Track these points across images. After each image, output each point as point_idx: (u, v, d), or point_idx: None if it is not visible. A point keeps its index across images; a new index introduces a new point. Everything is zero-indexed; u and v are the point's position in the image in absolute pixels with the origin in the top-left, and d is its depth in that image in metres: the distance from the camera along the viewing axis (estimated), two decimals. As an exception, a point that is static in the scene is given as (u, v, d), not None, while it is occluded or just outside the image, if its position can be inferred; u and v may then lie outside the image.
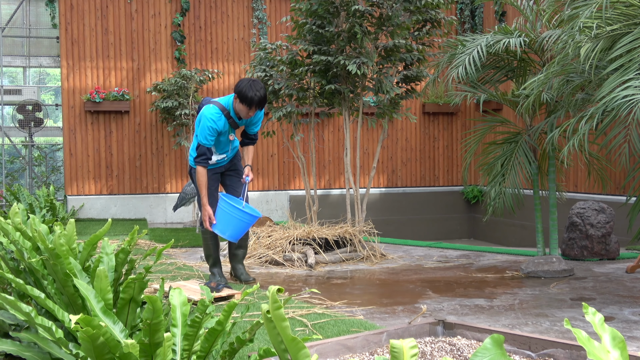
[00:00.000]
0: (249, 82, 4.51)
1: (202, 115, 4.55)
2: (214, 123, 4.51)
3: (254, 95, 4.46)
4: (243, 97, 4.47)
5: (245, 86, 4.47)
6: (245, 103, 4.49)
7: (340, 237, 6.35)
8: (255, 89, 4.48)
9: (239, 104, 4.53)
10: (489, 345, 1.57)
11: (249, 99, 4.47)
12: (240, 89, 4.48)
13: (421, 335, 2.64)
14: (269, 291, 1.81)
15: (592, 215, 6.10)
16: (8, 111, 13.76)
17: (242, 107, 4.52)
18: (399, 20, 6.25)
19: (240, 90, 4.48)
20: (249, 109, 4.52)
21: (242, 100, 4.48)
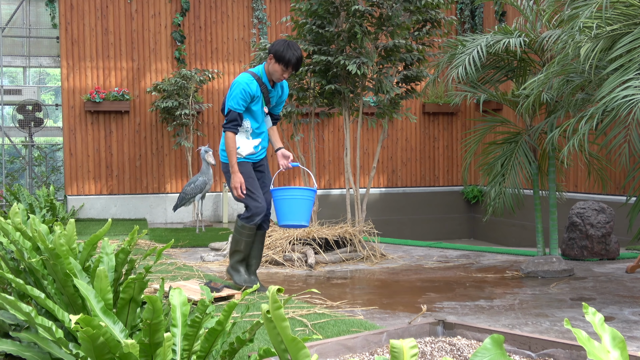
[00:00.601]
0: (285, 42, 4.44)
1: (235, 82, 4.45)
2: (247, 86, 4.40)
3: (292, 54, 4.39)
4: (280, 57, 4.39)
5: (283, 46, 4.40)
6: (282, 62, 4.40)
7: (340, 237, 6.35)
8: (293, 48, 4.41)
9: (274, 64, 4.43)
10: (489, 345, 1.57)
11: (287, 59, 4.38)
12: (276, 48, 4.41)
13: (421, 335, 2.64)
14: (269, 291, 1.82)
15: (592, 215, 6.10)
16: (8, 111, 13.76)
17: (278, 67, 4.42)
18: (399, 20, 6.25)
19: (277, 50, 4.40)
20: (285, 69, 4.43)
21: (279, 59, 4.40)
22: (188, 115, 9.51)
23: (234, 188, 4.46)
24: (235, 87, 4.42)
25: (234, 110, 4.41)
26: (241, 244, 4.59)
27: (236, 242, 4.62)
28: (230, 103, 4.42)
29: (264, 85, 4.51)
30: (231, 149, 4.45)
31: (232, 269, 4.65)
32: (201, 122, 10.29)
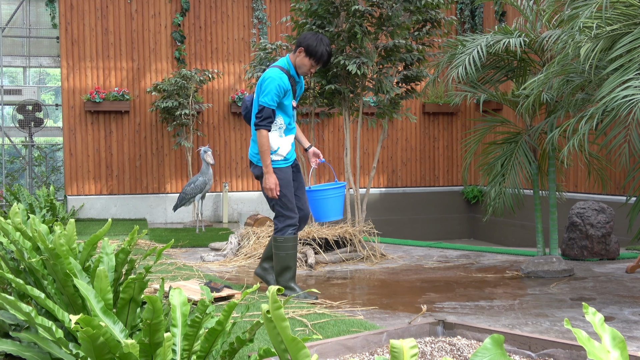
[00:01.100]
0: (317, 36, 4.32)
1: (267, 77, 4.28)
2: (281, 81, 4.26)
3: (325, 50, 4.30)
4: (312, 51, 4.28)
5: (315, 40, 4.29)
6: (313, 57, 4.30)
7: (340, 237, 6.35)
8: (325, 43, 4.31)
9: (303, 58, 4.32)
10: (489, 345, 1.57)
11: (319, 54, 4.29)
12: (308, 42, 4.29)
13: (421, 335, 2.64)
14: (269, 291, 1.82)
15: (592, 215, 6.10)
16: (8, 111, 13.76)
17: (307, 61, 4.32)
18: (399, 20, 6.25)
19: (309, 44, 4.29)
20: (314, 64, 4.34)
21: (310, 54, 4.29)
22: (188, 115, 9.51)
23: (269, 189, 4.30)
24: (269, 83, 4.26)
25: (268, 107, 4.25)
26: (288, 259, 4.42)
27: (282, 259, 4.42)
28: (264, 99, 4.25)
29: (292, 78, 4.39)
30: (265, 148, 4.27)
31: (287, 290, 4.43)
32: (201, 122, 10.29)
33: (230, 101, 10.39)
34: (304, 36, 4.37)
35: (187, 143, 9.51)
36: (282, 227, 4.42)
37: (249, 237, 6.39)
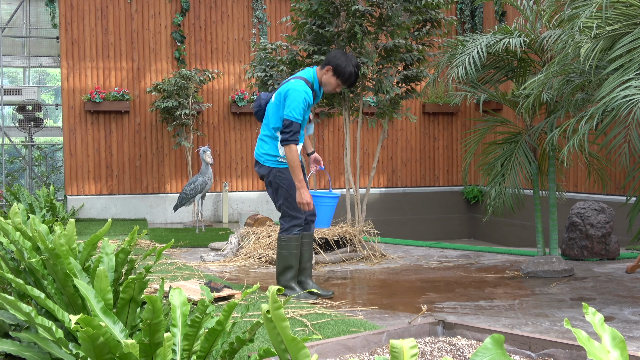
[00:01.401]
0: (347, 57, 4.29)
1: (294, 90, 4.21)
2: (307, 95, 4.23)
3: (353, 70, 4.29)
4: (340, 71, 4.27)
5: (344, 60, 4.27)
6: (340, 77, 4.29)
7: (340, 237, 6.35)
8: (353, 63, 4.29)
9: (330, 77, 4.31)
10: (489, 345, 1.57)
11: (347, 74, 4.29)
12: (338, 62, 4.27)
13: (421, 335, 2.64)
14: (269, 291, 1.82)
15: (592, 215, 6.10)
16: (8, 111, 13.77)
17: (334, 80, 4.31)
18: (399, 20, 6.25)
19: (338, 64, 4.28)
20: (341, 84, 4.34)
21: (339, 74, 4.28)
22: (188, 115, 9.51)
23: (304, 204, 4.30)
24: (297, 97, 4.22)
25: (297, 122, 4.23)
26: (291, 258, 4.45)
27: (285, 258, 4.45)
28: (293, 114, 4.20)
29: (314, 92, 4.39)
30: (296, 164, 4.26)
31: (288, 289, 4.45)
32: (201, 122, 10.29)
33: (230, 101, 10.39)
34: (334, 55, 4.35)
35: (187, 143, 9.51)
36: (287, 227, 4.44)
37: (249, 237, 6.39)
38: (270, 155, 4.41)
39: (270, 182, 4.46)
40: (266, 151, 4.43)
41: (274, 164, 4.41)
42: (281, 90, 4.35)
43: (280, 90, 4.36)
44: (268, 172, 4.42)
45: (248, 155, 10.54)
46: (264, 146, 4.46)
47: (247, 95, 10.16)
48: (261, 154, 4.46)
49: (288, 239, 4.44)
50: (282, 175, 4.40)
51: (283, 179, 4.40)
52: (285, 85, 4.34)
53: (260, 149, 4.48)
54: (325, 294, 4.53)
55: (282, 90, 4.33)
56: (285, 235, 4.45)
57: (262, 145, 4.47)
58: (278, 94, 4.36)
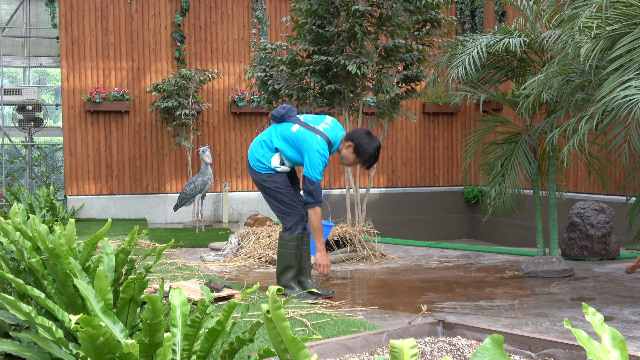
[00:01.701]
0: (370, 138, 4.36)
1: (315, 150, 4.28)
2: (326, 158, 4.34)
3: (373, 153, 4.37)
4: (362, 152, 4.36)
5: (368, 141, 4.34)
6: (360, 157, 4.38)
7: (340, 237, 6.35)
8: (375, 146, 4.37)
9: (350, 153, 4.39)
10: (489, 345, 1.57)
11: (368, 156, 4.37)
12: (360, 140, 4.34)
13: (421, 335, 2.64)
14: (269, 291, 1.81)
15: (592, 215, 6.10)
16: (8, 111, 13.77)
17: (353, 157, 4.40)
18: (399, 20, 6.24)
19: (360, 142, 4.34)
20: (359, 163, 4.43)
21: (359, 153, 4.36)
22: (188, 115, 9.51)
23: (323, 265, 4.43)
24: (318, 157, 4.28)
25: (318, 182, 4.33)
26: (292, 258, 4.50)
27: (286, 258, 4.50)
28: (314, 174, 4.30)
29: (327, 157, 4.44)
30: (319, 227, 4.36)
31: (288, 289, 4.50)
32: (201, 122, 10.29)
33: (230, 101, 10.39)
34: (359, 133, 4.39)
35: (187, 143, 9.52)
36: (290, 226, 4.48)
37: (249, 237, 6.39)
38: (261, 162, 4.49)
39: (261, 185, 4.53)
40: (258, 157, 4.49)
41: (264, 170, 4.49)
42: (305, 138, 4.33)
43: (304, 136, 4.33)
44: (258, 177, 4.51)
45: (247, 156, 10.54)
46: (258, 150, 4.51)
47: (247, 95, 10.16)
48: (253, 157, 4.52)
49: (289, 239, 4.48)
50: (272, 179, 4.48)
51: (271, 182, 4.48)
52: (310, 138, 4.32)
53: (254, 152, 4.53)
54: (325, 293, 4.54)
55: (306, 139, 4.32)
56: (287, 234, 4.49)
57: (257, 149, 4.52)
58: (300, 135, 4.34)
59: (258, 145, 4.52)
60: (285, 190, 4.46)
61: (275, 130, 4.49)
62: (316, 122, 4.43)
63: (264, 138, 4.51)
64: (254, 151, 4.54)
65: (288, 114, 4.48)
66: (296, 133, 4.38)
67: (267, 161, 4.46)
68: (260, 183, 4.50)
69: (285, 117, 4.49)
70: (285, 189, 4.46)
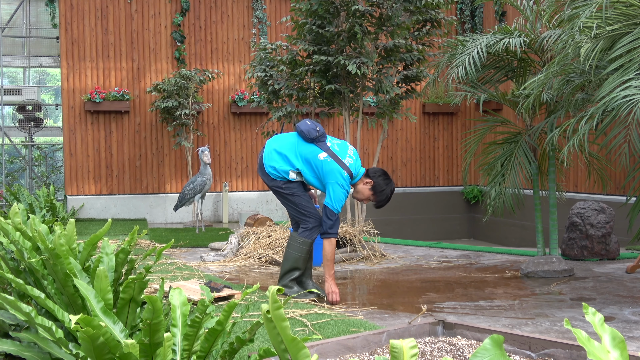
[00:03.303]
0: (388, 180, 4.45)
1: (339, 183, 4.30)
2: (347, 191, 4.37)
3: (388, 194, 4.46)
4: (378, 191, 4.42)
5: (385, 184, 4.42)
6: (375, 196, 4.44)
7: (340, 237, 6.35)
8: (391, 189, 4.46)
9: (368, 191, 4.44)
10: (489, 346, 1.57)
11: (384, 197, 4.45)
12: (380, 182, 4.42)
13: (421, 335, 2.64)
14: (269, 291, 1.81)
15: (592, 215, 6.10)
16: (8, 111, 13.76)
17: (369, 194, 4.45)
18: (399, 20, 6.24)
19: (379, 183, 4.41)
20: (373, 200, 4.49)
21: (376, 191, 4.43)
22: (188, 115, 9.51)
23: (333, 293, 4.35)
24: (341, 192, 4.31)
25: (338, 213, 4.35)
26: (300, 261, 4.52)
27: (295, 260, 4.51)
28: (336, 206, 4.32)
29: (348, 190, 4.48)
30: (331, 257, 4.38)
31: (288, 289, 4.51)
32: (201, 122, 10.29)
33: (230, 101, 10.39)
34: (379, 174, 4.46)
35: (187, 143, 9.52)
36: (312, 227, 4.47)
37: (249, 237, 6.39)
38: (277, 171, 4.44)
39: (276, 191, 4.51)
40: (276, 166, 4.43)
41: (280, 178, 4.46)
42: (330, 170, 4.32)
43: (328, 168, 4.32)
44: (273, 183, 4.48)
45: (248, 155, 10.54)
46: (277, 160, 4.44)
47: (247, 95, 10.17)
48: (269, 165, 4.45)
49: (303, 242, 4.48)
50: (287, 186, 4.46)
51: (288, 189, 4.46)
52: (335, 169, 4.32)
53: (271, 159, 4.45)
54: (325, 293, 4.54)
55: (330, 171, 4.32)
56: (304, 236, 4.48)
57: (275, 157, 4.45)
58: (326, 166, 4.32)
59: (277, 154, 4.44)
60: (303, 194, 4.48)
61: (299, 150, 4.41)
62: (342, 152, 4.41)
63: (286, 152, 4.43)
64: (271, 158, 4.45)
65: (319, 139, 4.41)
66: (323, 162, 4.33)
67: (285, 174, 4.42)
68: (276, 189, 4.48)
69: (316, 141, 4.41)
70: (302, 193, 4.48)
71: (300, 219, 4.52)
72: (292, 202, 4.47)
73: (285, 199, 4.48)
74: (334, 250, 4.42)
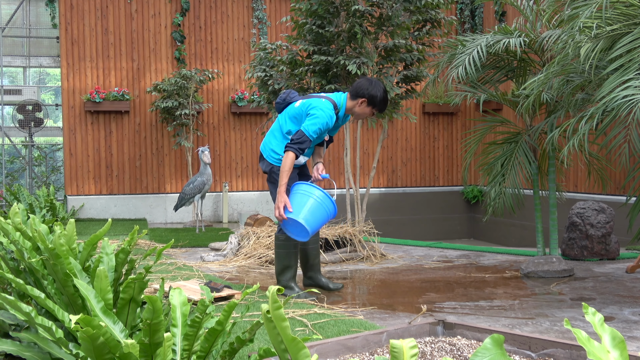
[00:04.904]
0: (379, 87, 4.38)
1: (318, 108, 4.25)
2: (330, 119, 4.29)
3: (383, 95, 4.40)
4: (376, 101, 4.37)
5: (378, 90, 4.36)
6: (376, 106, 4.40)
7: (340, 237, 6.35)
8: (382, 89, 4.40)
9: (365, 107, 4.40)
10: (489, 345, 1.57)
11: (383, 102, 4.40)
12: (372, 93, 4.35)
13: (421, 335, 2.64)
14: (269, 291, 1.81)
15: (592, 215, 6.10)
16: (8, 111, 13.76)
17: (369, 110, 4.42)
18: (399, 20, 6.24)
19: (372, 94, 4.35)
20: (375, 112, 4.47)
21: (374, 104, 4.38)
22: (188, 115, 9.51)
23: (277, 207, 4.20)
24: (319, 117, 4.24)
25: (308, 138, 4.24)
26: (289, 258, 4.50)
27: (283, 257, 4.49)
28: (309, 130, 4.23)
29: (336, 118, 4.44)
30: (287, 169, 4.23)
31: (287, 289, 4.49)
32: (201, 122, 10.29)
33: (230, 101, 10.39)
34: (364, 87, 4.38)
35: (187, 143, 9.52)
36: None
37: (249, 237, 6.39)
38: (275, 152, 4.47)
39: (270, 176, 4.54)
40: (273, 147, 4.49)
41: (276, 162, 4.47)
42: (309, 103, 4.35)
43: (308, 102, 4.36)
44: (269, 168, 4.50)
45: (248, 155, 10.54)
46: (272, 141, 4.52)
47: (247, 95, 10.17)
48: (267, 149, 4.52)
49: (285, 238, 4.48)
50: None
51: None
52: (314, 100, 4.35)
53: (268, 143, 4.53)
54: (335, 287, 4.71)
55: (309, 103, 4.34)
56: (282, 234, 4.48)
57: (270, 140, 4.53)
58: (303, 104, 4.37)
59: (271, 136, 4.53)
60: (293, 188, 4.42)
61: (282, 116, 4.52)
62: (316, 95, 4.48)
63: (274, 128, 4.53)
64: (267, 142, 4.53)
65: (289, 95, 4.52)
66: (300, 105, 4.39)
67: (282, 150, 4.42)
68: (271, 174, 4.50)
69: (288, 99, 4.52)
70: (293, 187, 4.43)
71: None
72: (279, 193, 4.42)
73: (275, 186, 4.44)
74: (290, 164, 4.22)
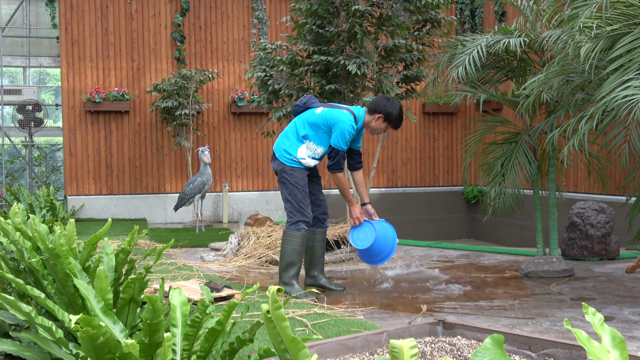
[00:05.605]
0: (395, 104, 4.57)
1: (341, 121, 4.46)
2: (352, 129, 4.49)
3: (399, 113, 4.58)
4: (392, 118, 4.56)
5: (395, 108, 4.56)
6: (392, 123, 4.58)
7: (341, 237, 6.35)
8: (399, 107, 4.59)
9: (381, 123, 4.57)
10: (489, 345, 1.57)
11: (398, 119, 4.58)
12: (389, 110, 4.54)
13: (421, 335, 2.64)
14: (269, 291, 1.81)
15: (592, 215, 6.10)
16: (8, 111, 13.76)
17: (384, 125, 4.59)
18: (399, 20, 6.24)
19: (389, 112, 4.54)
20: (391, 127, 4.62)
21: (389, 120, 4.56)
22: (188, 115, 9.51)
23: (355, 218, 4.64)
24: (344, 128, 4.44)
25: (342, 151, 4.49)
26: (294, 255, 4.53)
27: (289, 254, 4.53)
28: (340, 144, 4.47)
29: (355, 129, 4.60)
30: (344, 187, 4.61)
31: (285, 285, 4.52)
32: (201, 122, 10.29)
33: (230, 101, 10.39)
34: (382, 104, 4.58)
35: (187, 143, 9.52)
36: (295, 221, 4.54)
37: (249, 237, 6.39)
38: (288, 153, 4.57)
39: (281, 176, 4.60)
40: (286, 147, 4.58)
41: (288, 162, 4.55)
42: (331, 114, 4.51)
43: (330, 113, 4.52)
44: (281, 168, 4.58)
45: (248, 155, 10.54)
46: (285, 142, 4.61)
47: (247, 95, 10.17)
48: (280, 149, 4.61)
49: (292, 235, 4.53)
50: (293, 173, 4.55)
51: (291, 177, 4.55)
52: (336, 111, 4.52)
53: (281, 144, 4.63)
54: (337, 288, 4.75)
55: (331, 114, 4.51)
56: (292, 229, 4.53)
57: (284, 140, 4.62)
58: (324, 115, 4.53)
59: (284, 137, 4.63)
60: (302, 187, 4.56)
61: (299, 119, 4.62)
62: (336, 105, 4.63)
63: (290, 129, 4.63)
64: (280, 143, 4.63)
65: (310, 101, 4.67)
66: (321, 113, 4.53)
67: (294, 151, 4.54)
68: (281, 174, 4.58)
69: (308, 104, 4.66)
70: (302, 187, 4.56)
71: (287, 211, 4.60)
72: (289, 192, 4.54)
73: (286, 186, 4.56)
74: (344, 181, 4.59)
